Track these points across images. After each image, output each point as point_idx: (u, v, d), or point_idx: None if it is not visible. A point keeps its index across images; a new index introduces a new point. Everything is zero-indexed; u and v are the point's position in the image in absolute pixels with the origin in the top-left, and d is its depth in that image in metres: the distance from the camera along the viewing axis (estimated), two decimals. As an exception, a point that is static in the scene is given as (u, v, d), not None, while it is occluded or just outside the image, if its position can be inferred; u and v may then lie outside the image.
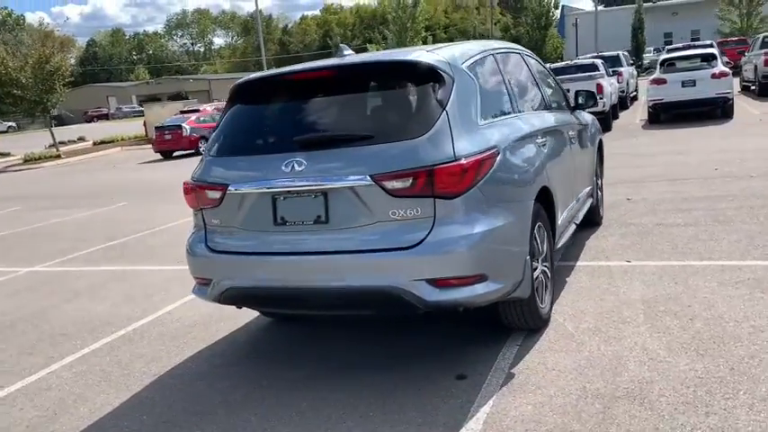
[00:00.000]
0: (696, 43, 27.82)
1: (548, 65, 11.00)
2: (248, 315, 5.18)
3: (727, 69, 16.51)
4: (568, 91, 6.61)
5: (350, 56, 4.11)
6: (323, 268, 3.58)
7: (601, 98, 14.75)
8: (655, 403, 3.20)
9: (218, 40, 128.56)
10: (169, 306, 5.77)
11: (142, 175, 19.59)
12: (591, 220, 6.61)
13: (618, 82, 19.77)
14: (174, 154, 24.64)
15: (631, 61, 26.98)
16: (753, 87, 21.30)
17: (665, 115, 16.45)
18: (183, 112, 28.35)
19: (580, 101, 6.06)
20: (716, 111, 16.13)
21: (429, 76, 3.63)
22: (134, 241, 9.05)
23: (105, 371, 4.49)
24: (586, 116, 6.59)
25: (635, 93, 24.32)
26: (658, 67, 17.25)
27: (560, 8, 48.71)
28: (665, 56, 18.18)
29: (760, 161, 9.65)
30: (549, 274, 4.41)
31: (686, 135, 13.91)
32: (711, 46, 23.15)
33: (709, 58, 16.73)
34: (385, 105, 3.78)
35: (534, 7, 41.94)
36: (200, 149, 24.36)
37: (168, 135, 24.04)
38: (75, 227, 10.94)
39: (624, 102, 21.09)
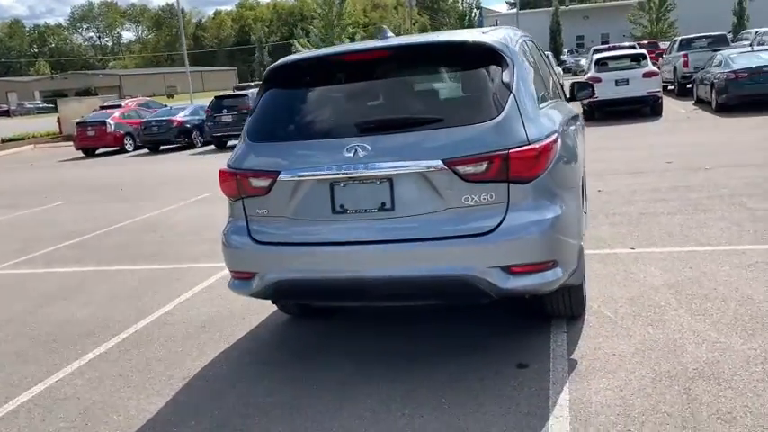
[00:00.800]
0: (622, 44, 29.12)
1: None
2: (262, 312, 4.94)
3: (656, 69, 17.38)
4: None
5: (393, 38, 3.95)
6: (389, 258, 3.43)
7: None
8: (732, 382, 3.26)
9: (128, 35, 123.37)
10: (164, 307, 5.41)
11: (67, 173, 18.48)
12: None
13: (551, 81, 20.41)
14: (98, 151, 23.43)
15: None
16: (671, 87, 22.50)
17: (599, 113, 17.09)
18: (103, 108, 27.07)
19: (576, 92, 6.13)
20: (645, 109, 16.93)
21: (493, 58, 3.55)
22: (91, 241, 8.48)
23: (124, 376, 4.14)
24: (574, 107, 6.70)
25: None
26: (593, 66, 17.92)
27: (479, 10, 49.81)
28: (598, 56, 18.88)
29: (705, 155, 10.17)
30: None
31: (623, 132, 14.50)
32: (635, 47, 24.26)
33: (639, 59, 17.55)
34: (450, 88, 3.67)
35: (458, 7, 42.62)
36: (126, 146, 23.31)
37: (91, 131, 22.80)
38: (16, 227, 10.14)
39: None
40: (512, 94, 3.45)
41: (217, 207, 9.96)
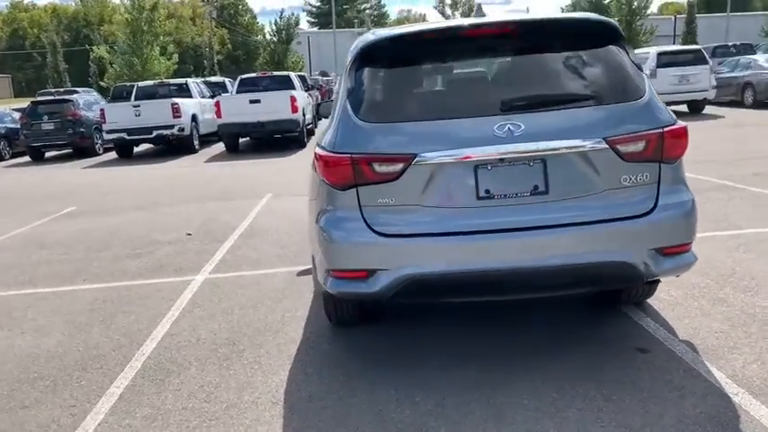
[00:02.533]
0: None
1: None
2: (290, 324, 4.38)
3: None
4: None
5: (504, 15, 3.72)
6: (545, 245, 3.20)
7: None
8: None
9: None
10: (156, 329, 4.54)
11: None
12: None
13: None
14: None
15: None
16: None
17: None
18: None
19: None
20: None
21: (616, 38, 3.49)
22: (-35, 263, 6.91)
23: (190, 408, 3.38)
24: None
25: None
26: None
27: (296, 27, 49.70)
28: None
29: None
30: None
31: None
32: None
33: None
34: (592, 66, 3.47)
35: (256, 23, 42.04)
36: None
37: None
38: None
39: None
40: (645, 75, 3.43)
41: (97, 221, 8.75)
